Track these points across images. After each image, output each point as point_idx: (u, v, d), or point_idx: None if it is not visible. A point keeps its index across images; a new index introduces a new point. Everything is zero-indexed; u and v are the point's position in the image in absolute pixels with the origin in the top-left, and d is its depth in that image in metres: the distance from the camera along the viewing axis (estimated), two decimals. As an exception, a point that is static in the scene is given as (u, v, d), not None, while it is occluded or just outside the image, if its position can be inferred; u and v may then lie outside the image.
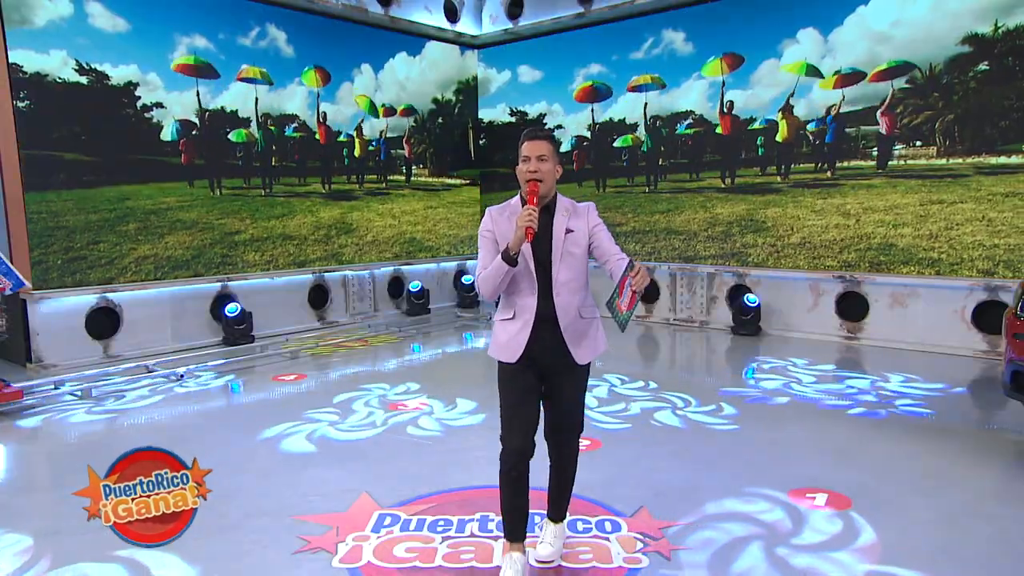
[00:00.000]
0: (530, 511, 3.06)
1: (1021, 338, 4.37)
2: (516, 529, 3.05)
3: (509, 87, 11.14)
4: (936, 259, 7.63)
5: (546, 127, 10.54)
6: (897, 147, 7.90)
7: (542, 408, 3.08)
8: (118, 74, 7.71)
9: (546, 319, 2.93)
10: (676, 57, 9.40)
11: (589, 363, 3.05)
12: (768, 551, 3.34)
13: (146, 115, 7.95)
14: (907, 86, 7.75)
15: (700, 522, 3.62)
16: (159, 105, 8.02)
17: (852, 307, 8.10)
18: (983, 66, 7.31)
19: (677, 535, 3.50)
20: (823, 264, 8.35)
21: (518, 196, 3.04)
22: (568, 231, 2.97)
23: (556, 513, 3.29)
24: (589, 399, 5.74)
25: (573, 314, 2.95)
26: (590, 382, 3.24)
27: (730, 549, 3.36)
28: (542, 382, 3.02)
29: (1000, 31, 7.17)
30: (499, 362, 3.01)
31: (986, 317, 7.21)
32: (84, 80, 7.45)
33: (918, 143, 7.80)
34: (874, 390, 6.07)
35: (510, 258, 2.84)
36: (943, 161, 7.66)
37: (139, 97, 7.88)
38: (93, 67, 7.51)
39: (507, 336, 2.96)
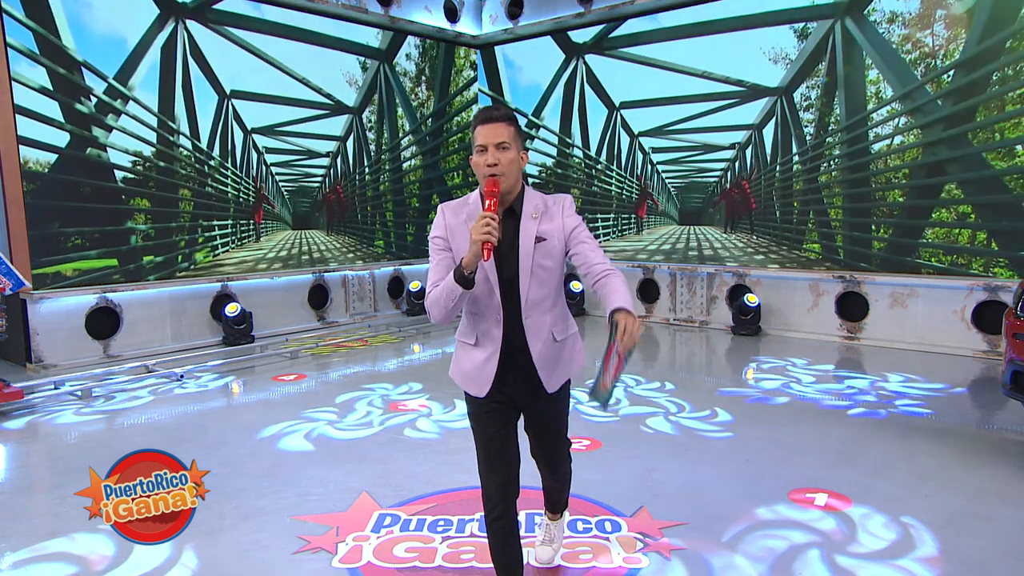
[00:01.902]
0: (528, 511, 3.06)
1: (1021, 338, 4.37)
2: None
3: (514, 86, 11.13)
4: None
5: (504, 105, 10.60)
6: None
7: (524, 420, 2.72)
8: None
9: (517, 346, 2.45)
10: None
11: (569, 382, 2.65)
12: (827, 559, 3.33)
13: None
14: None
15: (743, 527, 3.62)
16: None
17: (852, 307, 8.10)
18: None
19: (733, 541, 3.48)
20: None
21: (477, 192, 2.44)
22: (539, 239, 2.40)
23: (552, 507, 3.16)
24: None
25: (545, 337, 2.45)
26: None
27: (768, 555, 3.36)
28: (518, 410, 2.61)
29: None
30: (466, 392, 2.57)
31: (986, 317, 7.20)
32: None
33: None
34: (874, 390, 6.07)
35: (464, 278, 2.25)
36: None
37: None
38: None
39: (472, 365, 2.49)
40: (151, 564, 3.26)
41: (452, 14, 10.38)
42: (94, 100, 7.34)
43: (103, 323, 7.55)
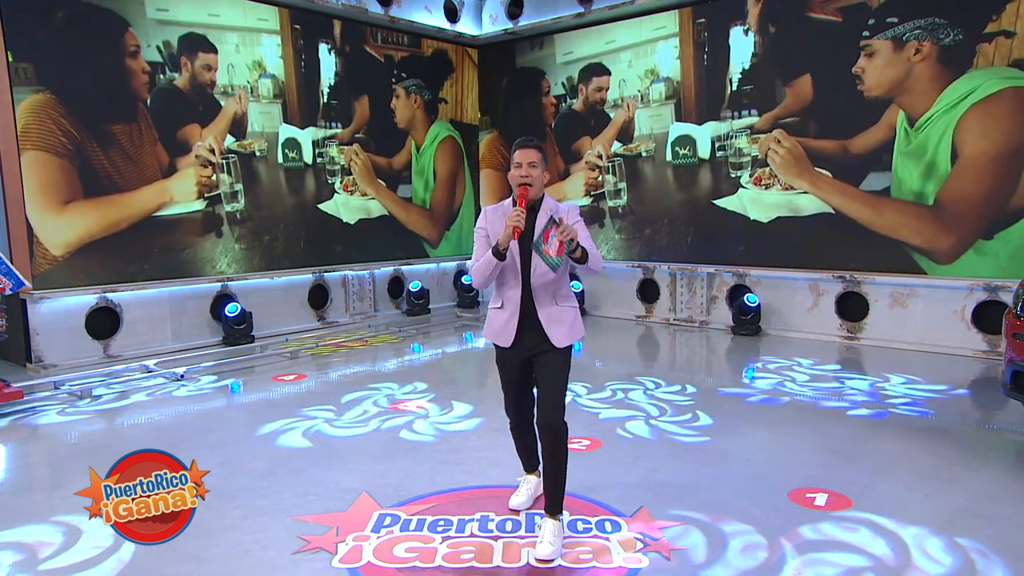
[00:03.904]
0: (530, 512, 3.11)
1: (1021, 338, 4.37)
2: (526, 462, 3.75)
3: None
4: None
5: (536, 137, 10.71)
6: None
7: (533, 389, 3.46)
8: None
9: (529, 308, 3.30)
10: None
11: (569, 347, 3.35)
12: None
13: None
14: None
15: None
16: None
17: (852, 307, 8.10)
18: None
19: (776, 563, 3.48)
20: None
21: (511, 198, 3.32)
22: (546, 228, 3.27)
23: (551, 505, 3.33)
24: (590, 399, 5.77)
25: (548, 301, 3.30)
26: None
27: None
28: (531, 360, 3.37)
29: None
30: (495, 344, 3.43)
31: (986, 317, 7.20)
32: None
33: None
34: (874, 390, 6.07)
35: (499, 253, 3.18)
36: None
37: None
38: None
39: (500, 323, 3.36)
40: (89, 553, 3.37)
41: (452, 14, 10.38)
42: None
43: (103, 323, 7.54)
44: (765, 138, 8.59)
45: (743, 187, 8.85)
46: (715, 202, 9.08)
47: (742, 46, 8.74)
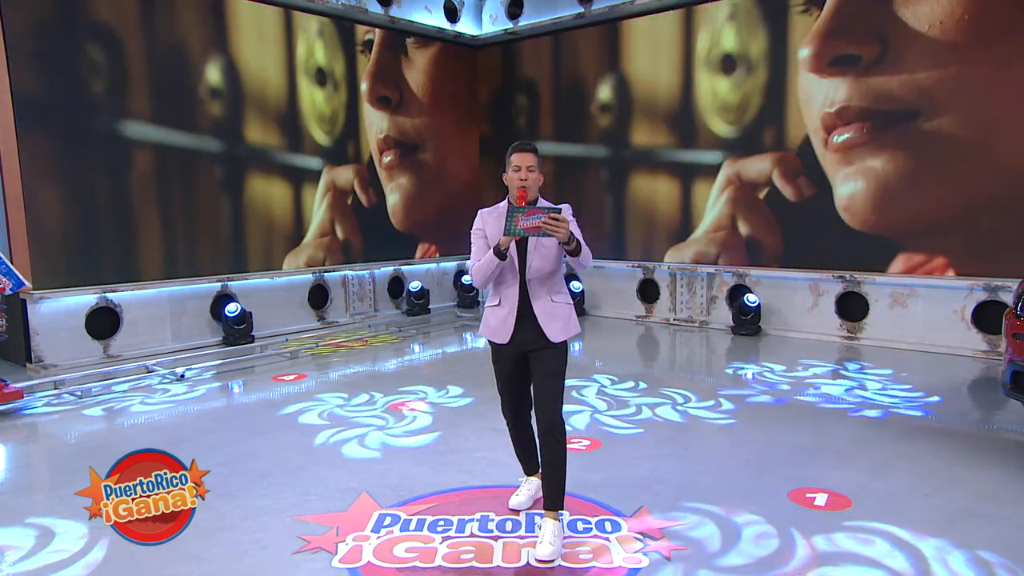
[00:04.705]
0: (530, 512, 3.10)
1: (1021, 338, 4.37)
2: (526, 465, 3.77)
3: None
4: None
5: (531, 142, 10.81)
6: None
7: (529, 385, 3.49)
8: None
9: (526, 305, 3.36)
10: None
11: (566, 345, 3.40)
12: None
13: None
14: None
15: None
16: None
17: (852, 307, 8.10)
18: None
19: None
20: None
21: (506, 200, 3.41)
22: None
23: (550, 502, 3.33)
24: (596, 402, 5.77)
25: (544, 297, 3.35)
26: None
27: None
28: (526, 359, 3.42)
29: None
30: (490, 342, 3.48)
31: (986, 317, 7.20)
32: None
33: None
34: (873, 390, 6.06)
35: (501, 253, 3.25)
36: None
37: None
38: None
39: (497, 321, 3.40)
40: (63, 555, 3.37)
41: (452, 14, 10.38)
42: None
43: (103, 323, 7.54)
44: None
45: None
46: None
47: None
